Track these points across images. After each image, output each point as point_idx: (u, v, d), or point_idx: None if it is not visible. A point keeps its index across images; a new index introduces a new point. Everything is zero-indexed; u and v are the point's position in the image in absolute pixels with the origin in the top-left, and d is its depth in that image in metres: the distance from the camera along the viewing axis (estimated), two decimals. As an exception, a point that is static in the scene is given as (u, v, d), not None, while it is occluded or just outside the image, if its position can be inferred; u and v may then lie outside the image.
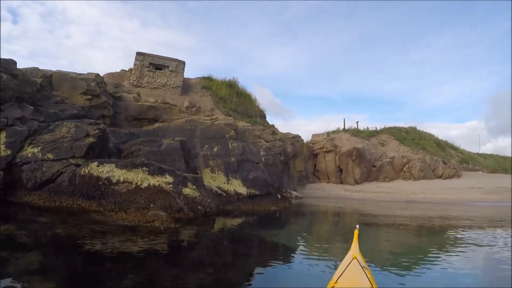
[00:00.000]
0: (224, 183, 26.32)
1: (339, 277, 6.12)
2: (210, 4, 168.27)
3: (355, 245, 8.18)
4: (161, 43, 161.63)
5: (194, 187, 19.94)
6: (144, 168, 19.54)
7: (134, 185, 18.77)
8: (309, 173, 47.26)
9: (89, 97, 27.67)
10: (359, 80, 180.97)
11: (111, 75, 38.27)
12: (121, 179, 18.90)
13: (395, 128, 60.84)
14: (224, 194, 25.13)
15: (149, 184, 19.00)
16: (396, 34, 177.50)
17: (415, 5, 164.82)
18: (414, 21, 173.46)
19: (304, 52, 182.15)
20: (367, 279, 6.14)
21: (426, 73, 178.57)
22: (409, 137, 58.35)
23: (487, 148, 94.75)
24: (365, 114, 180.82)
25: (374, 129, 59.95)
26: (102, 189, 18.46)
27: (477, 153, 72.36)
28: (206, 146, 28.43)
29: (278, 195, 30.01)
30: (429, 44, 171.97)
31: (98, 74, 28.86)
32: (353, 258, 6.69)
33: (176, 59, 38.36)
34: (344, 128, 56.96)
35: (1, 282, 7.71)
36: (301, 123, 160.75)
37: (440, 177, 49.60)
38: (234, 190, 26.11)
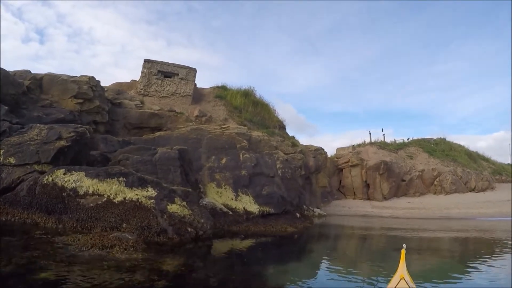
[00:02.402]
0: (232, 199, 21.01)
1: None
2: (233, 23, 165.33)
3: (402, 265, 7.49)
4: (186, 61, 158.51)
5: (184, 203, 14.73)
6: (120, 178, 14.87)
7: (105, 199, 14.20)
8: (334, 189, 41.94)
9: (80, 101, 23.31)
10: (383, 94, 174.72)
11: (119, 84, 33.69)
12: (90, 191, 14.35)
13: (423, 140, 54.96)
14: (231, 213, 19.88)
15: (124, 198, 14.34)
16: (419, 46, 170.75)
17: (436, 16, 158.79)
18: (437, 32, 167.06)
19: (327, 68, 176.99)
20: None
21: (451, 85, 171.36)
22: (439, 148, 52.64)
23: None
24: (390, 129, 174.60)
25: (402, 141, 54.37)
26: (66, 202, 14.11)
27: (509, 164, 65.87)
28: (213, 157, 23.22)
29: (297, 214, 24.46)
30: (453, 54, 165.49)
31: (92, 77, 24.16)
32: (401, 279, 6.48)
33: (187, 66, 33.43)
34: (370, 141, 51.17)
35: None
36: (326, 139, 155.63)
37: (472, 190, 44.88)
38: (244, 208, 20.74)
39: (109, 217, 13.47)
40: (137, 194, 14.31)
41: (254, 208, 21.07)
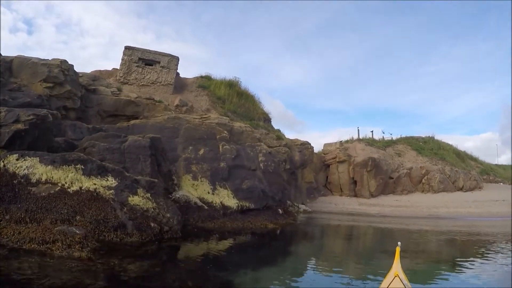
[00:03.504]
0: (209, 193, 19.22)
1: None
2: (224, 17, 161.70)
3: (397, 262, 7.29)
4: (174, 54, 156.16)
5: (148, 195, 12.98)
6: (78, 166, 13.12)
7: (58, 188, 12.40)
8: (320, 185, 40.30)
9: (50, 85, 21.27)
10: (373, 93, 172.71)
11: (99, 72, 31.60)
12: (43, 179, 12.61)
13: (412, 138, 53.29)
14: (206, 207, 18.07)
15: (80, 187, 12.62)
16: (410, 46, 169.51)
17: (428, 16, 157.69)
18: (428, 32, 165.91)
19: (317, 65, 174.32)
20: None
21: (440, 85, 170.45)
22: (427, 147, 51.07)
23: (502, 160, 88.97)
24: (379, 127, 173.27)
25: (390, 138, 52.59)
26: (16, 190, 12.23)
27: (496, 164, 64.76)
28: (191, 147, 21.37)
29: (280, 210, 22.69)
30: (444, 55, 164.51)
31: (65, 60, 22.19)
32: (395, 276, 6.32)
33: (169, 54, 31.36)
34: (358, 137, 49.45)
35: None
36: (315, 136, 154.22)
37: (460, 189, 43.57)
38: (221, 202, 18.96)
39: (61, 208, 11.64)
40: (95, 184, 12.58)
41: (232, 202, 19.30)
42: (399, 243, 7.99)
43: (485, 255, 14.06)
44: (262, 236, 16.73)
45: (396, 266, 7.22)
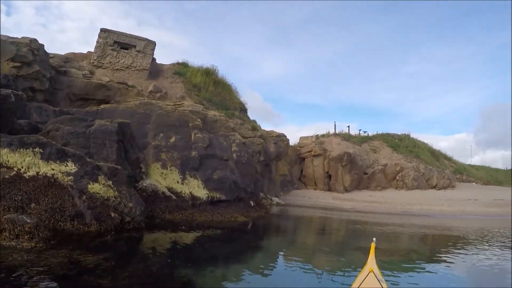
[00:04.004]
0: (178, 182, 18.43)
1: None
2: (207, 6, 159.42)
3: (372, 258, 7.22)
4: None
5: (110, 183, 12.21)
6: (36, 149, 12.24)
7: (14, 172, 11.46)
8: (295, 178, 39.79)
9: (17, 64, 20.08)
10: (352, 89, 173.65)
11: (73, 54, 30.33)
12: None
13: (388, 135, 53.65)
14: (174, 197, 17.30)
15: (37, 172, 11.73)
16: (391, 46, 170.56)
17: (411, 17, 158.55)
18: (410, 33, 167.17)
19: (298, 59, 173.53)
20: None
21: (418, 86, 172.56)
22: (403, 144, 51.48)
23: (475, 160, 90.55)
24: (356, 123, 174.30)
25: (366, 134, 52.61)
26: None
27: (469, 165, 65.38)
28: (162, 135, 20.50)
29: (252, 202, 22.10)
30: (423, 56, 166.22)
31: (34, 39, 21.06)
32: (370, 272, 6.19)
33: (145, 38, 30.16)
34: (335, 132, 49.12)
35: None
36: (291, 129, 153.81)
37: (434, 187, 44.32)
38: (190, 192, 18.19)
39: (15, 194, 10.71)
40: (53, 169, 11.76)
41: (202, 193, 18.56)
42: (374, 239, 8.00)
43: (458, 252, 13.80)
44: (232, 230, 16.05)
45: (371, 262, 7.19)
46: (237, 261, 10.60)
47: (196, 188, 18.58)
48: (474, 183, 52.61)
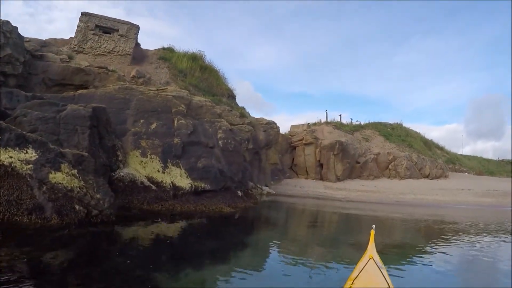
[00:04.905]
0: (158, 171, 16.93)
1: (356, 277, 5.57)
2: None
3: (371, 245, 7.20)
4: (146, 32, 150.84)
5: (74, 171, 10.77)
6: None
7: None
8: (286, 167, 38.53)
9: (-14, 47, 18.39)
10: (343, 80, 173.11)
11: (54, 40, 28.71)
12: None
13: (380, 123, 52.36)
14: (154, 188, 15.84)
15: None
16: (382, 37, 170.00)
17: (402, 8, 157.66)
18: (401, 24, 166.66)
19: (289, 49, 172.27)
20: (384, 279, 5.54)
21: (410, 76, 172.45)
22: (395, 133, 50.28)
23: (466, 151, 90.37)
24: (348, 112, 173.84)
25: (358, 123, 51.28)
26: None
27: (461, 155, 64.43)
28: (142, 121, 18.94)
29: (239, 192, 20.62)
30: (414, 47, 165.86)
31: (7, 22, 19.41)
32: (370, 259, 6.11)
33: (128, 22, 28.49)
34: (326, 120, 47.83)
35: None
36: (282, 118, 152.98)
37: (427, 177, 43.16)
38: (172, 182, 16.73)
39: (-35, 185, 9.38)
40: (11, 157, 10.28)
41: (185, 183, 17.10)
42: (373, 226, 8.01)
43: (454, 241, 13.12)
44: (216, 222, 14.56)
45: (371, 249, 7.09)
46: (218, 260, 8.97)
47: (178, 178, 17.15)
48: (466, 173, 51.67)
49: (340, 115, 50.97)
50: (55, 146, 11.29)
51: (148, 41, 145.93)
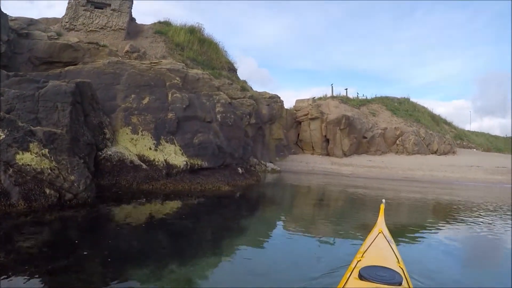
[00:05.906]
0: (150, 149, 15.55)
1: (366, 250, 5.40)
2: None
3: (381, 218, 7.19)
4: (147, 12, 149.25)
5: (45, 151, 9.46)
6: None
7: None
8: (291, 142, 37.13)
9: (-30, 26, 17.04)
10: (348, 55, 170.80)
11: (46, 20, 27.28)
12: None
13: (387, 98, 50.46)
14: (145, 167, 14.53)
15: None
16: (386, 11, 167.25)
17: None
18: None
19: (293, 24, 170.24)
20: (393, 253, 5.34)
21: (415, 51, 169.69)
22: (402, 108, 48.56)
23: (473, 127, 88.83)
24: (354, 88, 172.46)
25: (365, 98, 49.59)
26: None
27: (469, 131, 62.81)
28: (133, 96, 17.49)
29: (239, 169, 19.29)
30: (419, 22, 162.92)
31: (-16, 0, 18.05)
32: (379, 232, 6.08)
33: (121, -5, 27.28)
34: (332, 94, 46.16)
35: None
36: (288, 94, 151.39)
37: (434, 152, 41.46)
38: (165, 160, 15.36)
39: None
40: (-28, 137, 8.99)
41: (179, 160, 15.73)
42: (383, 200, 8.06)
43: (468, 218, 12.23)
44: (212, 203, 13.11)
45: (381, 223, 7.03)
46: (207, 251, 7.65)
47: (172, 155, 15.79)
48: (475, 150, 50.09)
49: (346, 89, 49.23)
50: (24, 124, 9.94)
51: (145, 20, 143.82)
